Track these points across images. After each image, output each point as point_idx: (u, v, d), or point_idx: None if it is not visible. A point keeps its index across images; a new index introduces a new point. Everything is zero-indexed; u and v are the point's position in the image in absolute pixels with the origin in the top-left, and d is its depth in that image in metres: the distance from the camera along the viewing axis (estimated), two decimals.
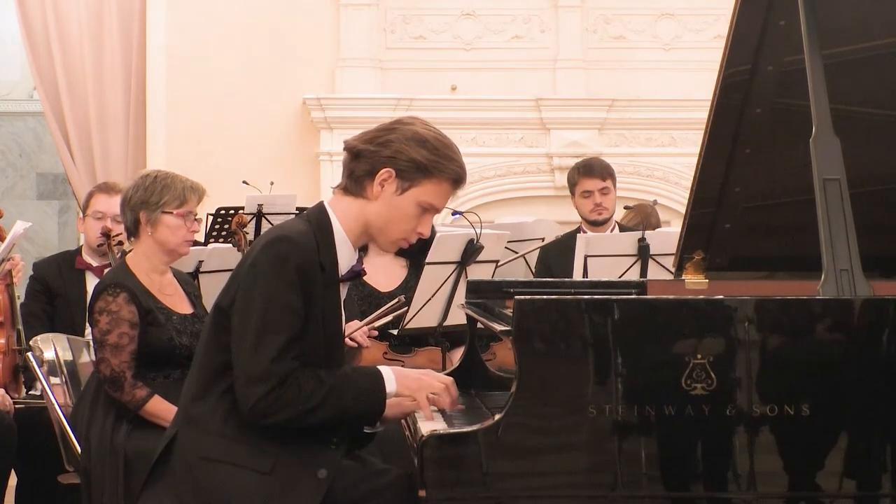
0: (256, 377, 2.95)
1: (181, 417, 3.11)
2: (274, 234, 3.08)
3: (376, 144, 3.06)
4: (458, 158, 3.10)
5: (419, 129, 3.08)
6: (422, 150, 3.04)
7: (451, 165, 3.07)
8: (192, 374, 3.14)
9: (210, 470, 3.00)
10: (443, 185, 3.07)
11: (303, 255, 3.00)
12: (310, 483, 2.98)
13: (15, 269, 5.04)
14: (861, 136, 3.33)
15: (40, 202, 10.46)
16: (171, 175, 4.27)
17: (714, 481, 2.80)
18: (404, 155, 3.04)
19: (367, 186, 3.07)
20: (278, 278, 2.97)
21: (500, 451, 2.79)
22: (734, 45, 3.27)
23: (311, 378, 2.99)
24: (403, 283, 4.84)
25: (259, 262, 3.01)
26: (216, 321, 3.08)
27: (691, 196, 3.53)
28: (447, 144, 3.09)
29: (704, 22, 8.74)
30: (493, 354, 4.60)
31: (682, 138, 8.60)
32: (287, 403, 2.96)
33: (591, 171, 6.01)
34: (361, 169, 3.07)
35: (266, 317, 2.96)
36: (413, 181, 3.05)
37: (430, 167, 3.04)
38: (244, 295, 3.01)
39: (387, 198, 3.06)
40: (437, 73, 8.65)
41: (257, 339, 2.96)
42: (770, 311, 2.83)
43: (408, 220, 3.08)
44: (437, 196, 3.08)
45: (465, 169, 3.11)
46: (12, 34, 9.12)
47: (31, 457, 4.83)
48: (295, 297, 2.97)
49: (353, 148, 3.09)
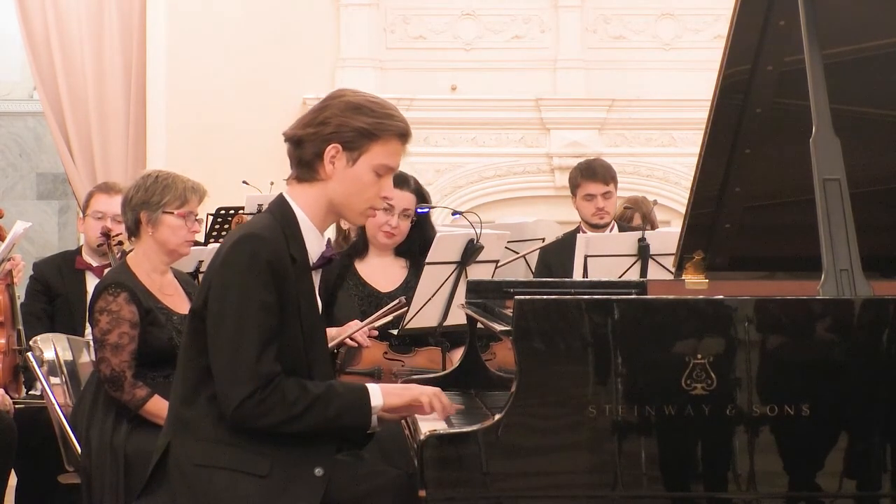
0: (237, 380, 2.94)
1: (173, 425, 3.09)
2: (240, 232, 3.07)
3: (315, 125, 3.06)
4: (398, 114, 3.11)
5: (350, 98, 3.09)
6: (361, 116, 3.05)
7: (394, 122, 3.08)
8: (177, 382, 3.13)
9: (207, 476, 2.99)
10: (391, 144, 3.08)
11: (272, 249, 3.00)
12: (308, 483, 2.98)
13: (15, 269, 5.04)
14: (861, 136, 3.34)
15: (40, 202, 10.46)
16: (172, 175, 4.28)
17: (714, 481, 2.80)
18: (346, 126, 3.04)
19: (318, 168, 3.07)
20: (250, 277, 2.96)
21: (500, 451, 2.79)
22: (734, 45, 3.27)
23: (296, 386, 2.98)
24: (404, 283, 4.84)
25: (229, 261, 3.01)
26: (194, 326, 3.06)
27: (691, 196, 3.53)
28: (383, 104, 3.11)
29: (704, 22, 8.74)
30: (493, 354, 4.60)
31: (682, 138, 8.60)
32: (270, 409, 2.95)
33: (594, 174, 5.99)
34: (308, 153, 3.07)
35: (242, 317, 2.95)
36: (361, 149, 3.05)
37: (373, 130, 3.05)
38: (217, 297, 3.00)
39: (341, 173, 3.06)
40: (437, 73, 8.65)
41: (235, 341, 2.95)
42: (770, 311, 2.83)
43: (367, 188, 3.08)
44: (388, 156, 3.08)
45: (407, 122, 3.12)
46: (12, 34, 9.12)
47: (31, 457, 4.83)
48: (269, 294, 2.97)
49: (294, 136, 3.10)
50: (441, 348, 4.74)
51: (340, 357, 4.74)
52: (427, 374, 4.15)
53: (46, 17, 8.49)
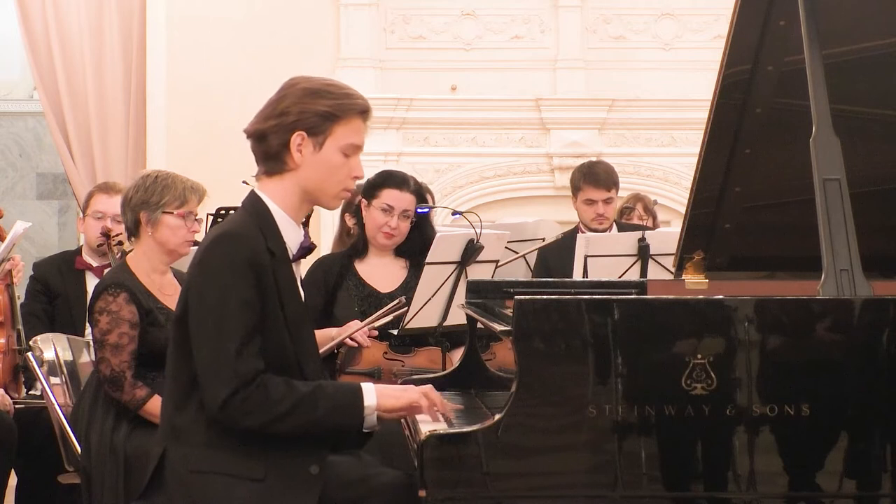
0: (219, 379, 2.93)
1: (166, 433, 3.07)
2: (216, 232, 3.07)
3: (276, 117, 3.07)
4: (355, 91, 3.12)
5: (306, 84, 3.10)
6: (320, 100, 3.06)
7: (353, 101, 3.09)
8: (167, 389, 3.12)
9: (203, 482, 2.98)
10: (354, 122, 3.09)
11: (249, 246, 2.99)
12: (304, 482, 2.97)
13: (15, 269, 5.04)
14: (861, 136, 3.34)
15: (40, 202, 10.45)
16: (171, 175, 4.28)
17: (714, 481, 2.80)
18: (307, 112, 3.05)
19: (286, 159, 3.07)
20: (228, 275, 2.96)
21: (500, 450, 2.79)
22: (734, 45, 3.27)
23: (282, 385, 2.97)
24: (404, 283, 4.84)
25: (206, 262, 3.01)
26: (179, 332, 3.06)
27: (691, 196, 3.53)
28: (338, 85, 3.12)
29: (704, 22, 8.73)
30: (493, 354, 4.60)
31: (682, 138, 8.59)
32: (253, 408, 2.93)
33: (596, 180, 5.96)
34: (273, 145, 3.07)
35: (221, 317, 2.95)
36: (326, 132, 3.06)
37: (335, 112, 3.06)
38: (197, 299, 2.99)
39: (309, 159, 3.07)
40: (437, 73, 8.64)
41: (216, 340, 2.94)
42: (770, 311, 2.83)
43: (338, 170, 3.09)
44: (353, 135, 3.09)
45: (365, 98, 3.13)
46: (12, 34, 9.11)
47: (31, 457, 4.83)
48: (248, 291, 2.96)
49: (256, 131, 3.10)
50: (441, 348, 4.75)
51: (340, 357, 4.74)
52: (427, 374, 4.16)
53: (46, 17, 8.48)
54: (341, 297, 4.81)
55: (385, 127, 8.43)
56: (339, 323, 4.73)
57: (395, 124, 8.50)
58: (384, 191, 4.81)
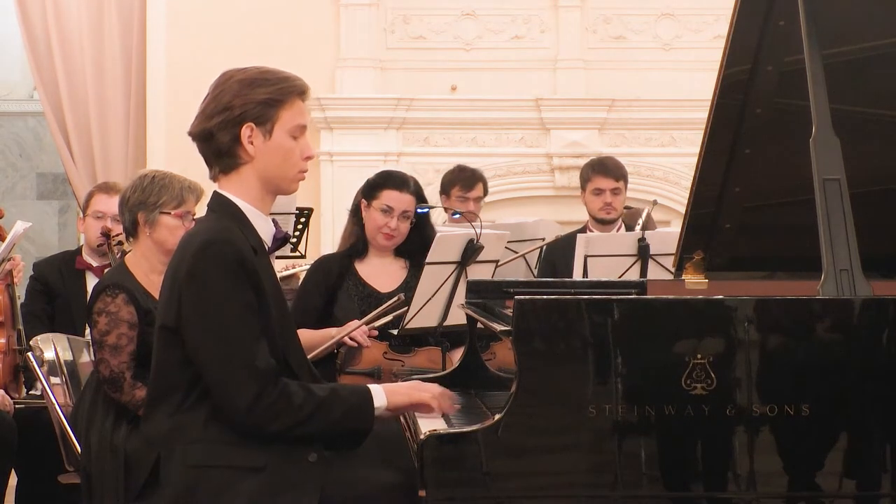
0: (241, 386, 2.93)
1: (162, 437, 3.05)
2: (198, 240, 3.04)
3: (219, 113, 3.10)
4: (288, 73, 3.17)
5: (239, 76, 3.15)
6: (258, 88, 3.10)
7: (291, 83, 3.13)
8: (157, 396, 3.11)
9: (204, 477, 2.98)
10: (296, 104, 3.12)
11: (235, 247, 2.99)
12: (304, 470, 2.98)
13: (15, 269, 5.04)
14: (861, 136, 3.34)
15: (40, 202, 10.45)
16: (168, 175, 4.27)
17: (714, 481, 2.81)
18: (250, 103, 3.08)
19: (239, 153, 3.10)
20: (226, 282, 2.96)
21: (500, 451, 2.79)
22: (734, 45, 3.27)
23: (301, 390, 2.99)
24: (404, 283, 4.84)
25: (198, 273, 2.99)
26: (166, 340, 3.05)
27: (691, 196, 3.53)
28: (271, 70, 3.17)
29: (704, 22, 8.73)
30: (493, 354, 4.60)
31: (682, 138, 8.58)
32: (280, 412, 2.95)
33: (605, 170, 6.03)
34: (224, 142, 3.10)
35: (228, 326, 2.95)
36: (272, 119, 3.08)
37: (277, 97, 3.09)
38: (195, 309, 2.98)
39: (262, 149, 3.09)
40: (437, 73, 8.64)
41: (227, 351, 2.94)
42: (770, 311, 2.83)
43: (291, 153, 3.11)
44: (298, 116, 3.12)
45: (300, 78, 3.17)
46: (12, 34, 9.11)
47: (31, 457, 4.82)
48: (247, 293, 2.96)
49: (202, 131, 3.14)
50: (441, 348, 4.75)
51: (340, 357, 4.74)
52: (427, 373, 4.15)
53: (46, 17, 8.48)
54: (341, 297, 4.81)
55: (385, 127, 8.43)
56: (339, 323, 4.73)
57: (395, 124, 8.50)
58: (384, 191, 4.81)
